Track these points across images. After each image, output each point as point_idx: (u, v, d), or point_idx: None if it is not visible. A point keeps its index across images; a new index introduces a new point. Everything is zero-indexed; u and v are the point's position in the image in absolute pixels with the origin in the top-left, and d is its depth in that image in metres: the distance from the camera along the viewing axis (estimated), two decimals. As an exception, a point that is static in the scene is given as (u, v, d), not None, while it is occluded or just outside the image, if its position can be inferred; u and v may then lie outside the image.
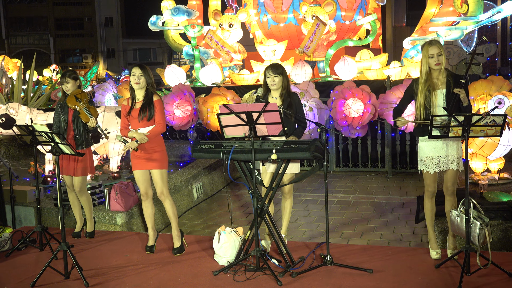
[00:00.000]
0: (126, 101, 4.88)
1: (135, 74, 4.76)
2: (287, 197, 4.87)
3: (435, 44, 4.28)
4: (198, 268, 4.58)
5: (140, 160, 4.85)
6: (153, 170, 4.87)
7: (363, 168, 8.32)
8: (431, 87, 4.29)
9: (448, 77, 4.31)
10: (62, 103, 5.30)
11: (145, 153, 4.82)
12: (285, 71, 4.74)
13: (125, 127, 4.85)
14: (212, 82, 9.93)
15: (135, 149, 4.78)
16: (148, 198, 4.96)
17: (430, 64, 4.28)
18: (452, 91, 4.21)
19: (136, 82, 4.76)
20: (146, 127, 4.77)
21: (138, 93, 4.83)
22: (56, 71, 19.49)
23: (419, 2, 15.03)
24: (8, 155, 9.28)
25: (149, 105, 4.78)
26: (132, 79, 4.77)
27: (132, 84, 4.79)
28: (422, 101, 4.29)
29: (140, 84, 4.77)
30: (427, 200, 4.51)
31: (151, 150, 4.82)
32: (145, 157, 4.83)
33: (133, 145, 4.75)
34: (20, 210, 6.40)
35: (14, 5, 42.61)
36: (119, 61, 42.82)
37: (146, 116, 4.76)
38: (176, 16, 10.66)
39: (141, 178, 4.92)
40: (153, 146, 4.82)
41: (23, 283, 4.42)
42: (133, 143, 4.75)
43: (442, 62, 4.28)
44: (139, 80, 4.76)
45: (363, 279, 4.14)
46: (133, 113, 4.80)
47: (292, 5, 10.36)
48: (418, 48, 9.49)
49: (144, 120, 4.76)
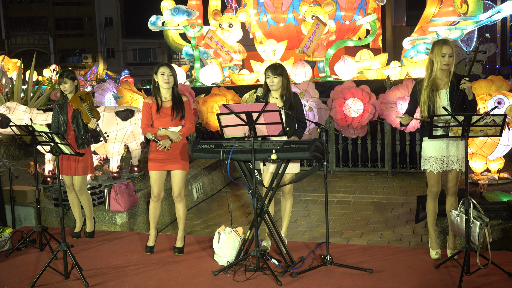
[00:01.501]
0: (150, 99, 4.82)
1: (165, 74, 4.73)
2: (287, 197, 4.87)
3: (449, 44, 4.26)
4: (198, 268, 4.58)
5: (161, 162, 4.81)
6: (176, 171, 4.84)
7: (363, 168, 8.32)
8: (434, 87, 4.28)
9: (451, 77, 4.31)
10: (60, 104, 5.29)
11: (168, 154, 4.79)
12: (285, 71, 4.73)
13: (148, 124, 4.80)
14: (212, 82, 9.93)
15: (168, 148, 4.75)
16: (159, 200, 4.97)
17: (441, 62, 4.26)
18: (456, 90, 4.21)
19: (166, 82, 4.73)
20: (176, 127, 4.79)
21: (165, 92, 4.79)
22: (56, 71, 19.47)
23: (419, 2, 15.05)
24: (8, 155, 9.28)
25: (181, 104, 4.78)
26: (162, 79, 4.72)
27: (161, 83, 4.74)
28: (426, 99, 4.29)
29: (169, 83, 4.75)
30: (430, 200, 4.51)
31: (175, 150, 4.80)
32: (167, 158, 4.80)
33: (167, 144, 4.72)
34: (20, 210, 6.40)
35: (14, 5, 42.59)
36: (119, 61, 42.79)
37: (180, 116, 4.76)
38: (176, 16, 10.66)
39: (158, 179, 4.89)
40: (178, 147, 4.81)
41: (23, 283, 4.42)
42: (167, 141, 4.72)
43: (452, 64, 4.28)
44: (169, 79, 4.75)
45: (363, 279, 4.14)
46: (164, 111, 4.76)
47: (292, 5, 10.37)
48: (418, 48, 9.49)
49: (177, 119, 4.76)
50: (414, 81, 7.35)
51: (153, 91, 4.82)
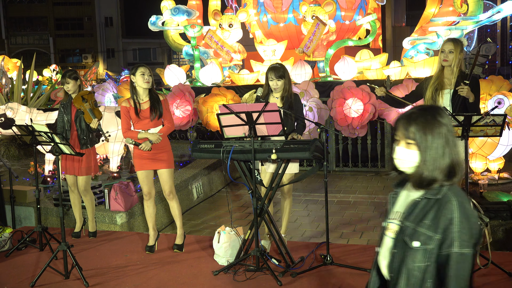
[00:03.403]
0: (127, 102, 4.82)
1: (145, 74, 4.73)
2: (286, 197, 4.87)
3: (450, 42, 4.26)
4: (198, 268, 4.58)
5: (146, 161, 4.83)
6: (162, 170, 4.86)
7: (363, 168, 8.32)
8: (439, 86, 4.29)
9: (458, 77, 4.30)
10: (64, 103, 5.31)
11: (152, 154, 4.81)
12: (287, 73, 4.73)
13: (129, 128, 4.82)
14: (212, 82, 9.92)
15: (149, 149, 4.76)
16: (151, 198, 4.98)
17: (440, 58, 4.27)
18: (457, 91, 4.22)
19: (146, 81, 4.74)
20: (156, 127, 4.80)
21: (143, 92, 4.80)
22: (56, 71, 19.48)
23: (419, 2, 15.05)
24: (8, 155, 9.28)
25: (158, 104, 4.79)
26: (142, 79, 4.72)
27: (141, 84, 4.74)
28: (429, 96, 4.30)
29: (149, 83, 4.76)
30: None
31: (158, 150, 4.81)
32: (151, 157, 4.82)
33: (147, 146, 4.73)
34: (20, 210, 6.40)
35: (14, 5, 42.60)
36: (119, 61, 42.81)
37: (157, 115, 4.77)
38: (176, 16, 10.65)
39: (145, 178, 4.91)
40: (160, 146, 4.82)
41: (23, 283, 4.42)
42: (147, 143, 4.73)
43: (452, 61, 4.25)
44: (149, 79, 4.76)
45: (363, 279, 4.14)
46: (143, 113, 4.77)
47: (292, 5, 10.36)
48: (418, 48, 9.49)
49: (155, 119, 4.77)
50: (414, 81, 7.36)
51: (131, 93, 4.82)
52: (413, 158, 1.98)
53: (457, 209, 1.90)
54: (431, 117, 1.96)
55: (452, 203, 1.91)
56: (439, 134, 1.94)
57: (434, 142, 1.94)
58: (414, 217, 1.98)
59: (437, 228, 1.91)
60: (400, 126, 2.01)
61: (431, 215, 1.94)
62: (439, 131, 1.95)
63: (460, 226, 1.89)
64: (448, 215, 1.90)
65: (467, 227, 1.89)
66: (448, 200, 1.92)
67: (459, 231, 1.88)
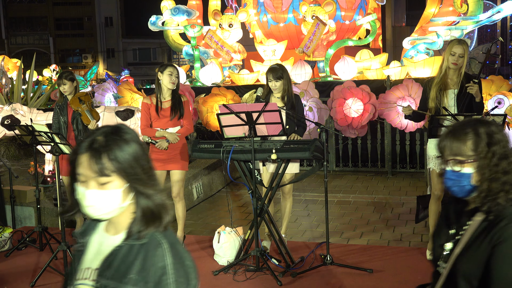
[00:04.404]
0: (149, 99, 4.82)
1: (172, 74, 4.73)
2: (286, 197, 4.87)
3: (462, 45, 4.24)
4: (198, 268, 4.57)
5: (161, 161, 4.81)
6: (175, 171, 4.85)
7: (363, 168, 8.32)
8: (443, 86, 4.28)
9: (462, 78, 4.29)
10: (60, 105, 5.29)
11: (167, 153, 4.79)
12: (286, 73, 4.72)
13: (147, 125, 4.80)
14: (212, 82, 9.92)
15: (165, 148, 4.76)
16: None
17: (448, 60, 4.25)
18: (464, 91, 4.21)
19: (172, 82, 4.73)
20: (175, 127, 4.79)
21: (167, 92, 4.79)
22: (56, 71, 19.47)
23: (419, 2, 15.05)
24: (8, 155, 9.28)
25: (179, 105, 4.78)
26: (169, 79, 4.72)
27: (166, 83, 4.73)
28: (434, 96, 4.29)
29: (175, 85, 4.76)
30: (433, 201, 4.52)
31: (174, 150, 4.80)
32: (166, 158, 4.80)
33: (164, 145, 4.73)
34: (20, 210, 6.40)
35: (14, 5, 42.60)
36: (119, 61, 42.80)
37: (178, 116, 4.76)
38: (176, 16, 10.65)
39: (159, 178, 4.89)
40: (176, 146, 4.81)
41: (23, 283, 4.42)
42: (164, 142, 4.73)
43: (462, 65, 4.25)
44: (175, 81, 4.76)
45: (363, 279, 4.14)
46: (163, 112, 4.76)
47: (292, 5, 10.36)
48: (418, 48, 9.49)
49: (175, 119, 4.77)
50: (414, 81, 7.36)
51: (156, 89, 4.82)
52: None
53: (168, 254, 1.55)
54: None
55: (162, 247, 1.55)
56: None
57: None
58: (114, 272, 1.55)
59: (147, 282, 1.53)
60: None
61: (137, 266, 1.54)
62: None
63: (175, 275, 1.55)
64: (158, 263, 1.54)
65: (183, 275, 1.57)
66: (157, 243, 1.56)
67: (175, 282, 1.54)
